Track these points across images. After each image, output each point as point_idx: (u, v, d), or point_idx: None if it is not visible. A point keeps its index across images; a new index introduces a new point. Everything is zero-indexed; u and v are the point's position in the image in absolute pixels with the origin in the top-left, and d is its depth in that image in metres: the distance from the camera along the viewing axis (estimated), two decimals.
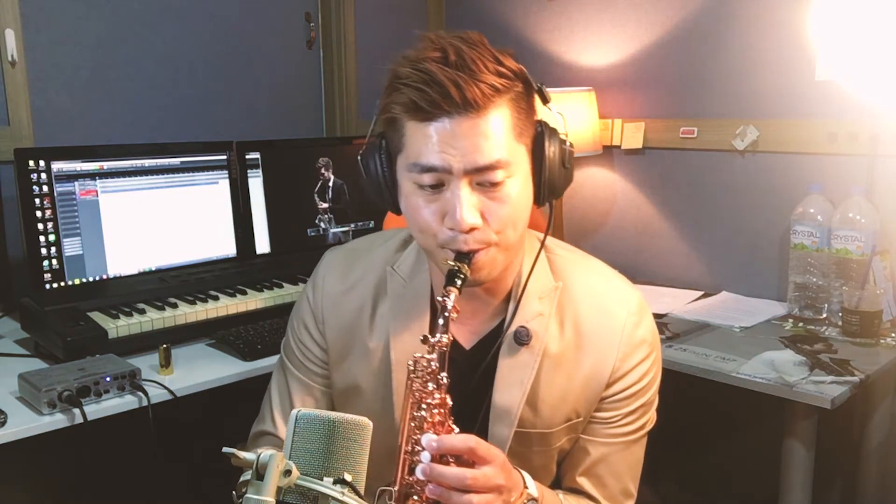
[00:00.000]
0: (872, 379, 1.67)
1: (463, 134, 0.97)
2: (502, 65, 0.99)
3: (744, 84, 2.23)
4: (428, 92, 0.96)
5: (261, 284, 1.96)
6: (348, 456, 0.78)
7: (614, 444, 1.16)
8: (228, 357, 1.69)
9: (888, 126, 1.96)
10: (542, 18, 2.68)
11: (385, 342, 1.14)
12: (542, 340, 1.10)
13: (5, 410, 1.35)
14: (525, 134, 1.04)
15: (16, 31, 2.00)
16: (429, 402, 0.99)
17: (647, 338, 1.14)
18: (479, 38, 1.00)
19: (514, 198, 1.01)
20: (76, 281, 1.81)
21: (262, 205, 2.12)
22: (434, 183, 1.00)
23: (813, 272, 2.02)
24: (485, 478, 0.96)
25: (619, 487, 1.17)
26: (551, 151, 1.06)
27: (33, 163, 1.76)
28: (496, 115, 0.98)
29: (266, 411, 1.26)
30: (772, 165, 2.21)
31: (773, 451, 1.74)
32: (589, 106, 2.42)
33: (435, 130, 0.97)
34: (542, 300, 1.12)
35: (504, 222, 1.02)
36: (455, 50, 0.97)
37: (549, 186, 1.07)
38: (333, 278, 1.21)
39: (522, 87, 1.03)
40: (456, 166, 0.98)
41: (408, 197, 1.04)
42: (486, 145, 0.97)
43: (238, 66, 2.47)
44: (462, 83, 0.95)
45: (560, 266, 1.16)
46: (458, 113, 0.96)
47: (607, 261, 1.24)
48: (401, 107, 0.99)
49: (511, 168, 1.00)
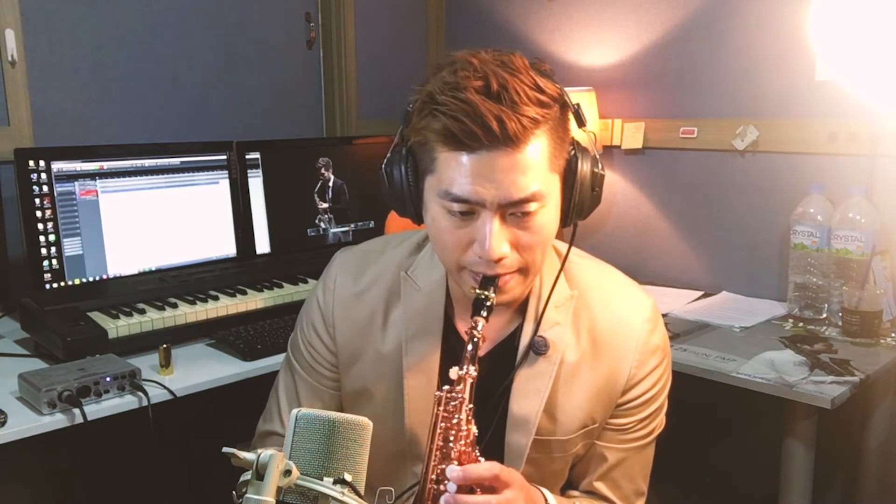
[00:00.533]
0: (872, 379, 1.67)
1: (500, 168, 0.94)
2: (543, 92, 0.96)
3: (744, 84, 2.23)
4: (467, 124, 0.92)
5: (261, 284, 1.96)
6: (348, 456, 0.78)
7: (630, 449, 1.17)
8: (228, 357, 1.69)
9: (888, 126, 1.96)
10: (542, 18, 2.68)
11: (398, 348, 1.13)
12: (559, 350, 1.10)
13: (5, 410, 1.35)
14: (559, 159, 1.01)
15: (16, 31, 2.00)
16: (454, 434, 0.99)
17: (661, 344, 1.15)
18: (522, 63, 0.97)
19: (545, 228, 1.01)
20: (76, 281, 1.81)
21: (262, 205, 2.12)
22: (465, 211, 0.98)
23: (813, 272, 2.02)
24: (507, 502, 0.97)
25: (632, 488, 1.19)
26: (583, 176, 1.04)
27: (33, 163, 1.76)
28: (534, 148, 0.95)
29: (274, 411, 1.25)
30: (772, 165, 2.21)
31: (773, 451, 1.74)
32: (589, 106, 2.42)
33: (470, 161, 0.94)
34: (558, 309, 1.12)
35: (533, 251, 1.01)
36: (498, 80, 0.93)
37: (577, 212, 1.06)
38: (345, 280, 1.19)
39: (559, 111, 1.00)
40: (490, 200, 0.95)
41: (435, 219, 1.02)
42: (522, 180, 0.95)
43: (238, 66, 2.47)
44: (505, 118, 0.91)
45: (575, 274, 1.15)
46: (497, 147, 0.93)
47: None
48: (435, 134, 0.96)
49: (545, 200, 0.99)
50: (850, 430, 2.05)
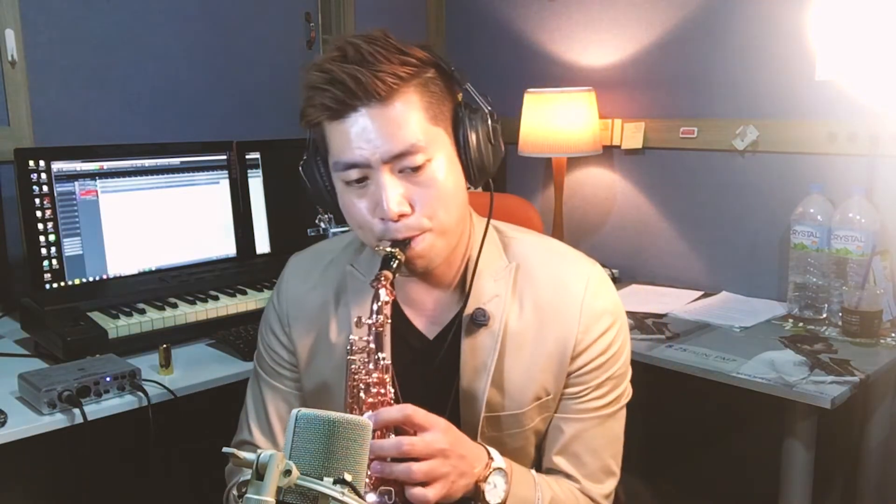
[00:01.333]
0: (872, 379, 1.67)
1: (374, 125, 0.99)
2: (406, 54, 1.01)
3: (744, 84, 2.23)
4: (332, 90, 0.98)
5: (261, 284, 1.96)
6: (348, 456, 0.78)
7: (588, 420, 1.14)
8: (228, 357, 1.69)
9: (888, 126, 1.96)
10: (542, 18, 2.68)
11: (346, 336, 1.13)
12: (500, 321, 1.10)
13: (5, 410, 1.35)
14: (441, 117, 1.05)
15: (16, 31, 2.00)
16: (367, 382, 1.00)
17: (608, 307, 1.13)
18: (382, 33, 1.02)
19: (439, 181, 1.03)
20: (76, 281, 1.81)
21: (262, 205, 2.12)
22: (359, 177, 1.02)
23: (813, 272, 2.02)
24: (424, 443, 0.96)
25: (598, 465, 1.15)
26: (473, 131, 1.07)
27: (33, 163, 1.76)
28: (404, 102, 1.00)
29: (243, 421, 1.26)
30: (772, 165, 2.21)
31: (773, 451, 1.74)
32: (589, 106, 2.42)
33: (348, 126, 1.00)
34: (497, 282, 1.12)
35: (433, 206, 1.02)
36: (354, 47, 0.99)
37: (476, 166, 1.07)
38: (297, 280, 1.22)
39: (434, 73, 1.05)
40: (373, 158, 1.00)
41: (341, 195, 1.07)
42: (398, 132, 0.99)
43: (238, 66, 2.47)
44: (361, 77, 0.97)
45: (514, 247, 1.16)
46: (365, 105, 0.99)
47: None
48: (314, 109, 1.02)
49: (429, 151, 1.02)
50: (850, 430, 2.05)
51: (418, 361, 1.13)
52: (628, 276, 2.48)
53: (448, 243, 1.07)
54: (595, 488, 1.14)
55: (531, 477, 1.10)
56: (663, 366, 1.78)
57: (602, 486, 1.15)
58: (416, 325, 1.16)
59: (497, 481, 1.04)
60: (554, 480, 1.13)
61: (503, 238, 1.17)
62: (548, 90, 2.43)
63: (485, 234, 1.14)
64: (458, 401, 1.11)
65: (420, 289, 1.15)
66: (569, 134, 2.38)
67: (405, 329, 1.15)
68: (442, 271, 1.12)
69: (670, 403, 2.18)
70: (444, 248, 1.07)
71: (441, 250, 1.07)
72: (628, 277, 2.47)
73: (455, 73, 1.07)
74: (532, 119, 2.43)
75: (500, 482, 1.04)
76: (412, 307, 1.16)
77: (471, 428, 1.10)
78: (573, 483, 1.14)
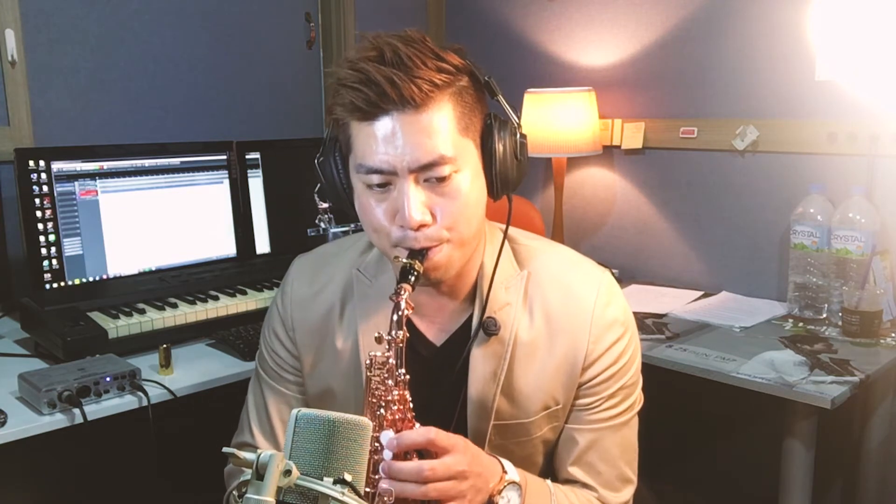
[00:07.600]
0: (872, 379, 1.67)
1: (404, 132, 0.97)
2: (443, 60, 0.99)
3: (744, 84, 2.23)
4: (365, 91, 0.96)
5: (261, 284, 1.96)
6: (348, 456, 0.78)
7: (601, 430, 1.13)
8: (228, 357, 1.69)
9: (888, 126, 1.96)
10: (542, 18, 2.68)
11: (353, 343, 1.14)
12: (511, 330, 1.10)
13: (5, 410, 1.35)
14: (472, 128, 1.03)
15: (16, 31, 2.00)
16: (388, 400, 0.99)
17: (619, 317, 1.12)
18: (420, 35, 1.00)
19: (463, 193, 1.01)
20: (76, 281, 1.81)
21: (262, 205, 2.12)
22: (382, 182, 1.00)
23: (813, 272, 2.02)
24: (444, 466, 0.96)
25: (614, 473, 1.14)
26: (501, 144, 1.05)
27: (33, 163, 1.76)
28: (437, 111, 0.98)
29: (244, 423, 1.25)
30: (772, 165, 2.21)
31: (773, 451, 1.74)
32: (589, 106, 2.42)
33: (377, 130, 0.97)
34: (508, 290, 1.11)
35: (455, 218, 1.01)
36: (391, 48, 0.96)
37: (501, 179, 1.06)
38: (301, 283, 1.21)
39: (468, 81, 1.02)
40: (400, 166, 0.98)
41: (359, 197, 1.04)
42: (428, 142, 0.97)
43: (238, 66, 2.47)
44: (398, 80, 0.94)
45: (524, 255, 1.15)
46: (398, 111, 0.96)
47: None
48: (342, 108, 1.00)
49: (458, 163, 1.00)
50: (850, 430, 2.05)
51: (426, 369, 1.11)
52: (628, 276, 2.48)
53: (464, 255, 1.06)
54: (612, 496, 1.14)
55: (547, 488, 1.10)
56: (663, 366, 1.78)
57: (619, 495, 1.15)
58: (423, 332, 1.15)
59: (511, 496, 1.03)
60: (570, 490, 1.13)
61: (515, 246, 1.16)
62: (548, 90, 2.43)
63: (501, 248, 1.12)
64: (465, 409, 1.10)
65: (429, 297, 1.13)
66: (569, 134, 2.38)
67: (412, 336, 1.13)
68: (454, 281, 1.10)
69: (670, 403, 2.17)
70: (461, 260, 1.06)
71: (457, 261, 1.05)
72: (628, 277, 2.47)
73: (490, 83, 1.05)
74: (532, 119, 2.43)
75: (515, 497, 1.04)
76: (420, 314, 1.13)
77: (479, 436, 1.10)
78: (590, 492, 1.14)
